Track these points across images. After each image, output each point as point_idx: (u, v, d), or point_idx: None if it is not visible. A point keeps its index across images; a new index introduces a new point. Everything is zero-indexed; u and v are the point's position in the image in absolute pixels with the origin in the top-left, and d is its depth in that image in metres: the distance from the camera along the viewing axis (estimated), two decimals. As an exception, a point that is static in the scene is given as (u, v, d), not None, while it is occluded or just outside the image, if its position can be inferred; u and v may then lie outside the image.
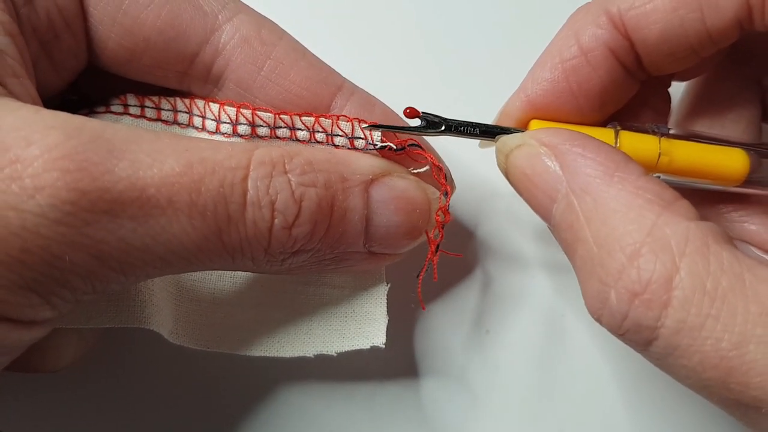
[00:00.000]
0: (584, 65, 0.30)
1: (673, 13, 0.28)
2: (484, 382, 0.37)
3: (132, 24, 0.29)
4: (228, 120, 0.31)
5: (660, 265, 0.23)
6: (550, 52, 0.31)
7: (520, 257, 0.38)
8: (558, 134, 0.28)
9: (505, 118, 0.33)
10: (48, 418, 0.36)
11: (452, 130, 0.31)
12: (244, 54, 0.30)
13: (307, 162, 0.27)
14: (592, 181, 0.26)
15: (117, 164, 0.23)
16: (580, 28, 0.30)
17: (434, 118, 0.31)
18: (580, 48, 0.30)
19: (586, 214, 0.26)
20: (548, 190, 0.27)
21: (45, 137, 0.22)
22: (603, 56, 0.30)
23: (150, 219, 0.23)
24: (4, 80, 0.25)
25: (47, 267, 0.22)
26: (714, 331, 0.23)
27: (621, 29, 0.29)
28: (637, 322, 0.24)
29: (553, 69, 0.31)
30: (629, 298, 0.24)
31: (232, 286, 0.32)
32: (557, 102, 0.31)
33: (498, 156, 0.30)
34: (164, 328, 0.30)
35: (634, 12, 0.29)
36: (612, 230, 0.24)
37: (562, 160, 0.27)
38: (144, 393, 0.36)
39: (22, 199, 0.21)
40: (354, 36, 0.41)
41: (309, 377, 0.36)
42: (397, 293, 0.34)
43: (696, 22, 0.28)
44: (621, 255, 0.24)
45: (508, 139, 0.30)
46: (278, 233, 0.26)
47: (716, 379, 0.23)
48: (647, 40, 0.29)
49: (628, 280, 0.24)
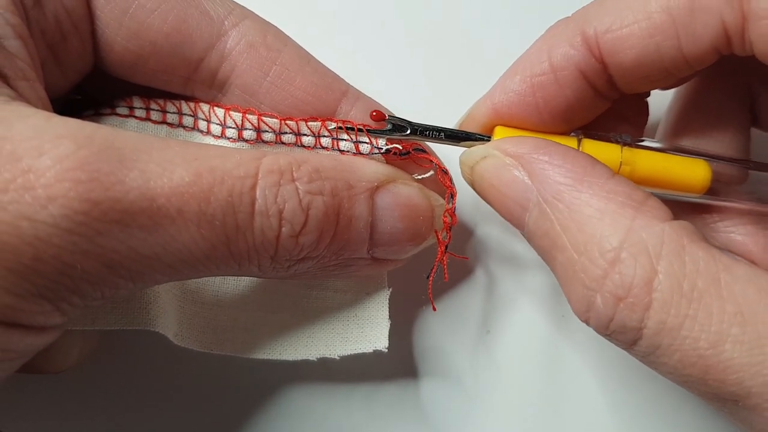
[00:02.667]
0: (552, 83, 0.30)
1: (649, 39, 0.28)
2: (484, 382, 0.37)
3: (139, 28, 0.29)
4: (233, 125, 0.31)
5: (640, 269, 0.24)
6: (522, 64, 0.31)
7: (521, 257, 0.39)
8: (522, 143, 0.28)
9: (471, 121, 0.33)
10: (50, 419, 0.36)
11: (418, 133, 0.31)
12: (250, 59, 0.30)
13: (315, 170, 0.28)
14: (563, 189, 0.26)
15: (128, 174, 0.23)
16: (554, 45, 0.30)
17: (400, 122, 0.31)
18: (550, 65, 0.30)
19: (561, 221, 0.26)
20: (519, 200, 0.28)
21: (56, 147, 0.22)
22: (572, 77, 0.30)
23: (160, 228, 0.24)
24: (15, 83, 0.25)
25: (59, 275, 0.22)
26: (692, 330, 0.24)
27: (595, 52, 0.29)
28: (622, 323, 0.25)
29: (522, 82, 0.31)
30: (614, 302, 0.25)
31: (236, 289, 0.33)
32: (522, 114, 0.31)
33: (463, 168, 0.31)
34: (169, 330, 0.31)
35: (610, 36, 0.28)
36: (590, 237, 0.25)
37: (530, 169, 0.27)
38: (146, 394, 0.37)
39: (35, 210, 0.22)
40: (357, 41, 0.41)
41: (311, 377, 0.37)
42: (398, 295, 0.34)
43: (672, 49, 0.28)
44: (602, 261, 0.25)
45: (472, 151, 0.30)
46: (285, 241, 0.27)
47: (695, 376, 0.24)
48: (622, 63, 0.29)
49: (612, 285, 0.25)
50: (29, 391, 0.36)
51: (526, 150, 0.28)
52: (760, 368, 0.23)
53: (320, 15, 0.42)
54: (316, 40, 0.34)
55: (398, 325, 0.36)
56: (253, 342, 0.32)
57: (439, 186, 0.33)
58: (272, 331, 0.33)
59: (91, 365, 0.36)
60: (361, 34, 0.41)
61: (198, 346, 0.32)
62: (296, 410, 0.37)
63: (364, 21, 0.42)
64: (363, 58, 0.41)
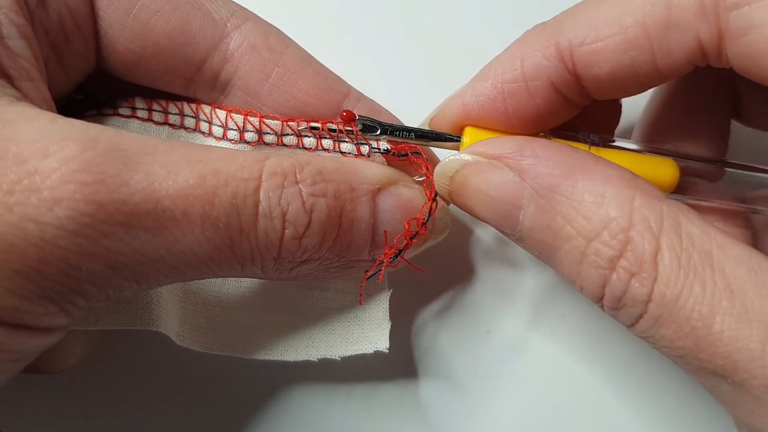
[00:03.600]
0: (523, 92, 0.30)
1: (623, 54, 0.28)
2: (484, 382, 0.37)
3: (142, 28, 0.29)
4: (235, 127, 0.31)
5: (647, 244, 0.25)
6: (495, 68, 0.31)
7: (520, 257, 0.39)
8: (503, 144, 0.28)
9: (441, 119, 0.33)
10: (50, 419, 0.36)
11: (388, 133, 0.32)
12: (252, 61, 0.30)
13: (318, 172, 0.28)
14: (558, 180, 0.27)
15: (133, 176, 0.23)
16: (527, 54, 0.30)
17: (370, 122, 0.32)
18: (522, 74, 0.30)
19: (562, 212, 0.26)
20: (512, 199, 0.28)
21: (61, 149, 0.22)
22: (543, 87, 0.30)
23: (164, 231, 0.24)
24: (19, 84, 0.25)
25: (64, 277, 0.22)
26: (687, 302, 0.24)
27: (568, 64, 0.29)
28: (633, 297, 0.25)
29: (493, 87, 0.31)
30: (628, 277, 0.25)
31: (237, 290, 0.33)
32: (492, 117, 0.31)
33: (439, 179, 0.30)
34: (171, 330, 0.31)
35: (585, 48, 0.28)
36: (597, 222, 0.26)
37: (519, 167, 0.27)
38: (147, 393, 0.37)
39: (41, 212, 0.22)
40: (358, 42, 0.41)
41: (312, 378, 0.37)
42: (399, 296, 0.34)
43: (647, 64, 0.28)
44: (614, 242, 0.25)
45: (449, 161, 0.29)
46: (288, 243, 0.27)
47: (688, 348, 0.25)
48: (597, 76, 0.29)
49: (626, 262, 0.25)
50: (30, 391, 0.36)
51: (510, 149, 0.28)
52: (746, 342, 0.24)
53: (321, 16, 0.42)
54: (318, 41, 0.34)
55: (399, 326, 0.36)
56: (255, 342, 0.33)
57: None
58: (273, 332, 0.33)
59: (92, 365, 0.36)
60: (363, 34, 0.41)
61: (199, 346, 0.32)
62: (297, 410, 0.37)
63: (366, 22, 0.42)
64: (364, 59, 0.41)
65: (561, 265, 0.28)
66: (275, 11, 0.33)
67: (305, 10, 0.41)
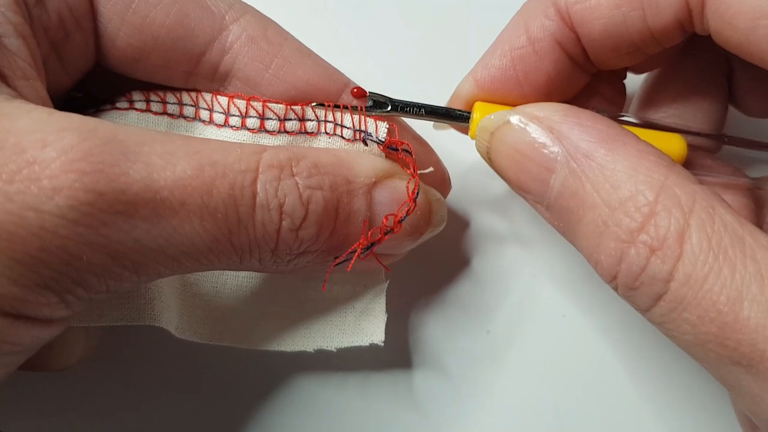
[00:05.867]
0: (531, 55, 0.31)
1: (615, 10, 0.29)
2: (484, 382, 0.37)
3: (141, 22, 0.29)
4: (237, 113, 0.31)
5: (674, 221, 0.25)
6: (501, 40, 0.32)
7: (521, 257, 0.39)
8: (548, 107, 0.29)
9: (455, 100, 0.33)
10: (51, 417, 0.36)
11: (399, 109, 0.32)
12: (252, 53, 0.31)
13: (314, 165, 0.28)
14: (596, 147, 0.26)
15: (131, 166, 0.23)
16: (530, 18, 0.31)
17: (381, 98, 0.32)
18: (528, 38, 0.31)
19: (592, 180, 0.26)
20: (545, 162, 0.27)
21: (60, 139, 0.23)
22: (550, 47, 0.31)
23: (163, 221, 0.24)
24: (14, 83, 0.25)
25: (64, 266, 0.23)
26: (715, 284, 0.24)
27: (568, 22, 0.30)
28: (653, 275, 0.25)
29: (502, 56, 0.31)
30: (648, 252, 0.25)
31: (235, 282, 0.33)
32: (504, 88, 0.32)
33: (481, 134, 0.30)
34: (171, 324, 0.31)
35: (579, 6, 0.30)
36: (625, 192, 0.25)
37: (558, 131, 0.27)
38: (148, 389, 0.37)
39: (41, 200, 0.22)
40: (357, 36, 0.42)
41: (307, 368, 0.37)
42: (397, 290, 0.34)
43: (638, 20, 0.29)
44: (638, 214, 0.25)
45: (493, 116, 0.30)
46: (285, 235, 0.27)
47: (713, 333, 0.24)
48: (591, 34, 0.30)
49: (647, 236, 0.25)
50: (31, 388, 0.36)
51: (553, 113, 0.28)
52: None
53: (319, 11, 0.42)
54: (316, 36, 0.34)
55: (397, 325, 0.36)
56: (252, 333, 0.33)
57: (437, 182, 0.33)
58: (270, 323, 0.33)
59: (93, 362, 0.36)
60: (361, 28, 0.42)
61: (197, 337, 0.32)
62: (294, 400, 0.37)
63: (364, 15, 0.42)
64: (364, 53, 0.41)
65: (582, 237, 0.27)
66: (273, 6, 0.34)
67: (302, 4, 0.41)
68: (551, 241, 0.39)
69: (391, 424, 0.37)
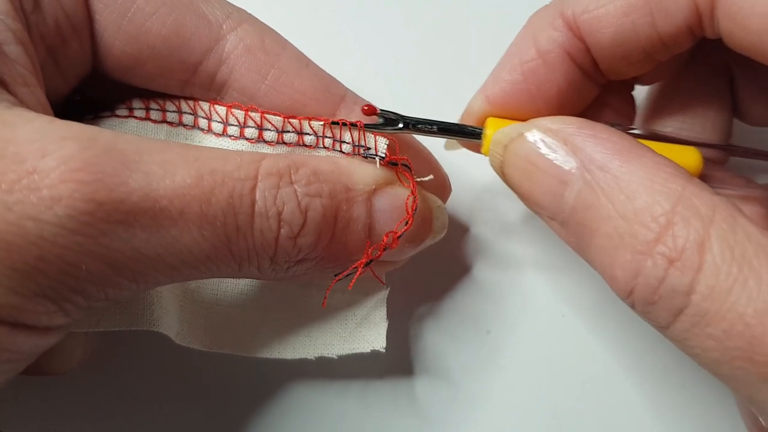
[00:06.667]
0: (542, 67, 0.31)
1: (624, 18, 0.29)
2: (484, 383, 0.37)
3: (137, 31, 0.29)
4: (235, 122, 0.31)
5: (693, 231, 0.24)
6: (510, 54, 0.32)
7: (521, 257, 0.39)
8: (562, 120, 0.28)
9: (467, 117, 0.33)
10: (51, 420, 0.36)
11: (410, 127, 0.31)
12: (248, 63, 0.31)
13: (313, 173, 0.28)
14: (611, 159, 0.26)
15: (131, 175, 0.23)
16: (538, 30, 0.31)
17: (392, 115, 0.31)
18: (537, 50, 0.31)
19: (607, 191, 0.26)
20: (559, 175, 0.27)
21: (60, 148, 0.23)
22: (559, 59, 0.31)
23: (162, 230, 0.24)
24: (15, 90, 0.25)
25: (63, 275, 0.23)
26: (740, 296, 0.23)
27: (576, 32, 0.30)
28: (672, 288, 0.24)
29: (513, 70, 0.31)
30: (666, 264, 0.24)
31: (235, 289, 0.33)
32: (516, 102, 0.32)
33: (494, 148, 0.30)
34: (171, 330, 0.31)
35: (587, 16, 0.29)
36: (640, 203, 0.25)
37: (572, 143, 0.27)
38: (147, 393, 0.37)
39: (40, 210, 0.22)
40: (357, 41, 0.42)
41: (308, 375, 0.37)
42: (398, 296, 0.34)
43: (647, 27, 0.29)
44: (654, 225, 0.24)
45: (507, 129, 0.30)
46: (284, 243, 0.27)
47: (741, 349, 0.23)
48: (601, 43, 0.30)
49: (664, 247, 0.24)
50: (31, 392, 0.36)
51: (567, 125, 0.28)
52: None
53: (319, 15, 0.42)
54: (316, 41, 0.34)
55: (398, 325, 0.36)
56: (252, 341, 0.33)
57: (437, 188, 0.33)
58: (271, 330, 0.33)
59: (93, 366, 0.36)
60: (362, 34, 0.42)
61: (198, 344, 0.32)
62: (294, 407, 0.37)
63: (364, 21, 0.42)
64: (363, 59, 0.41)
65: (596, 252, 0.26)
66: (273, 11, 0.34)
67: (303, 8, 0.41)
68: (551, 242, 0.39)
69: (391, 426, 0.37)
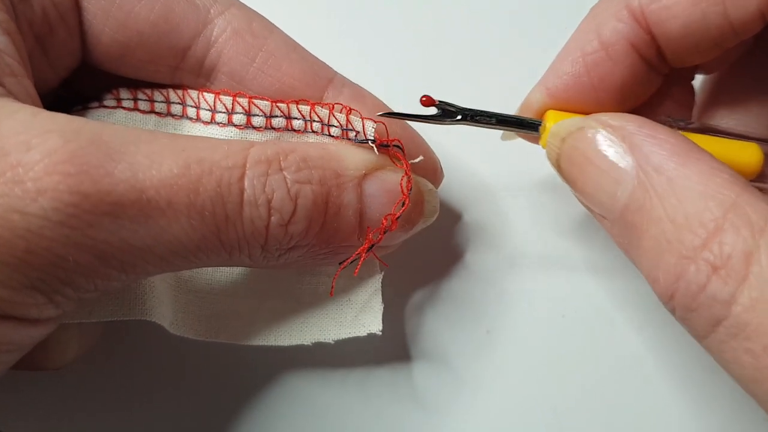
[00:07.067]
0: (605, 60, 0.30)
1: (694, 7, 0.28)
2: (484, 383, 0.37)
3: (126, 17, 0.29)
4: (223, 109, 0.31)
5: (741, 241, 0.23)
6: (572, 46, 0.31)
7: (521, 257, 0.38)
8: (623, 117, 0.28)
9: (526, 110, 0.33)
10: (49, 416, 0.36)
11: (468, 119, 0.31)
12: (237, 46, 0.30)
13: (302, 159, 0.28)
14: (667, 161, 0.25)
15: (116, 167, 0.23)
16: (601, 22, 0.30)
17: (450, 107, 0.31)
18: (600, 42, 0.30)
19: (660, 193, 0.25)
20: (614, 172, 0.26)
21: (44, 141, 0.23)
22: (624, 51, 0.30)
23: (150, 220, 0.24)
24: (2, 80, 0.25)
25: (51, 267, 0.23)
26: None
27: (642, 23, 0.29)
28: (713, 296, 0.23)
29: (575, 63, 0.31)
30: (709, 271, 0.23)
31: (229, 277, 0.33)
32: (578, 95, 0.31)
33: (552, 141, 0.30)
34: (165, 319, 0.31)
35: (656, 6, 0.29)
36: (691, 207, 0.24)
37: (630, 142, 0.26)
38: (144, 386, 0.37)
39: (25, 203, 0.22)
40: (346, 30, 0.41)
41: (306, 362, 0.37)
42: (398, 300, 0.34)
43: (718, 16, 0.27)
44: (702, 230, 0.24)
45: (566, 122, 0.29)
46: (275, 231, 0.27)
47: None
48: (669, 34, 0.29)
49: (710, 254, 0.23)
50: (26, 388, 0.36)
51: (627, 123, 0.27)
52: None
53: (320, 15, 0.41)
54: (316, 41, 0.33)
55: (394, 320, 0.36)
56: (248, 329, 0.33)
57: (428, 172, 0.33)
58: (266, 318, 0.33)
59: (88, 361, 0.36)
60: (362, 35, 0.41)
61: (193, 334, 0.32)
62: (292, 394, 0.37)
63: (365, 21, 0.41)
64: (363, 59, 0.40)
65: (643, 254, 0.26)
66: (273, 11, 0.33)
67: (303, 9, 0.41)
68: (551, 242, 0.38)
69: (390, 424, 0.37)
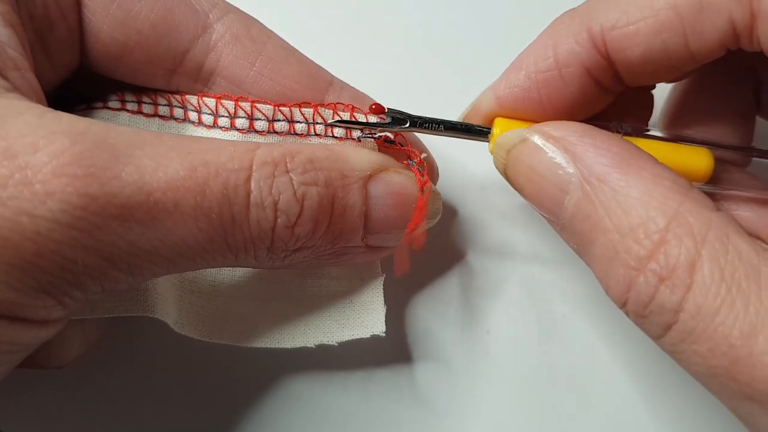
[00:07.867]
0: (557, 79, 0.30)
1: (655, 37, 0.28)
2: (484, 383, 0.37)
3: (125, 16, 0.29)
4: (226, 113, 0.31)
5: (684, 251, 0.24)
6: (526, 58, 0.31)
7: (521, 257, 0.39)
8: (565, 127, 0.28)
9: (475, 113, 0.33)
10: (51, 415, 0.36)
11: (417, 125, 0.32)
12: (236, 50, 0.31)
13: (308, 160, 0.28)
14: (609, 171, 0.26)
15: (123, 169, 0.23)
16: (559, 41, 0.30)
17: (399, 114, 0.32)
18: (555, 61, 0.30)
19: (605, 203, 0.26)
20: (559, 183, 0.27)
21: (51, 143, 0.23)
22: (577, 74, 0.30)
23: (157, 222, 0.24)
24: (6, 74, 0.25)
25: (60, 270, 0.23)
26: (727, 317, 0.23)
27: (601, 49, 0.29)
28: (662, 304, 0.24)
29: (527, 78, 0.30)
30: (656, 281, 0.24)
31: (233, 279, 0.33)
32: (526, 108, 0.31)
33: (498, 151, 0.30)
34: (169, 317, 0.31)
35: (616, 32, 0.28)
36: (636, 219, 0.25)
37: (573, 152, 0.27)
38: (146, 384, 0.37)
39: (34, 205, 0.22)
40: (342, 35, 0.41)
41: (309, 364, 0.37)
42: (398, 300, 0.34)
43: (679, 46, 0.28)
44: (648, 242, 0.24)
45: (510, 134, 0.30)
46: (281, 232, 0.27)
47: (723, 367, 0.23)
48: (628, 60, 0.29)
49: (656, 265, 0.24)
50: (28, 389, 0.36)
51: (569, 133, 0.27)
52: None
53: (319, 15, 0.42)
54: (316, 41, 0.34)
55: (395, 321, 0.36)
56: (251, 331, 0.33)
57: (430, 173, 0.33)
58: (270, 320, 0.33)
59: (90, 360, 0.36)
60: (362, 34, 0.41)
61: (196, 334, 0.32)
62: (294, 395, 0.37)
63: (364, 21, 0.42)
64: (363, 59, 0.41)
65: (594, 261, 0.27)
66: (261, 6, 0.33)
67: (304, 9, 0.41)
68: (551, 242, 0.39)
69: (391, 423, 0.37)
